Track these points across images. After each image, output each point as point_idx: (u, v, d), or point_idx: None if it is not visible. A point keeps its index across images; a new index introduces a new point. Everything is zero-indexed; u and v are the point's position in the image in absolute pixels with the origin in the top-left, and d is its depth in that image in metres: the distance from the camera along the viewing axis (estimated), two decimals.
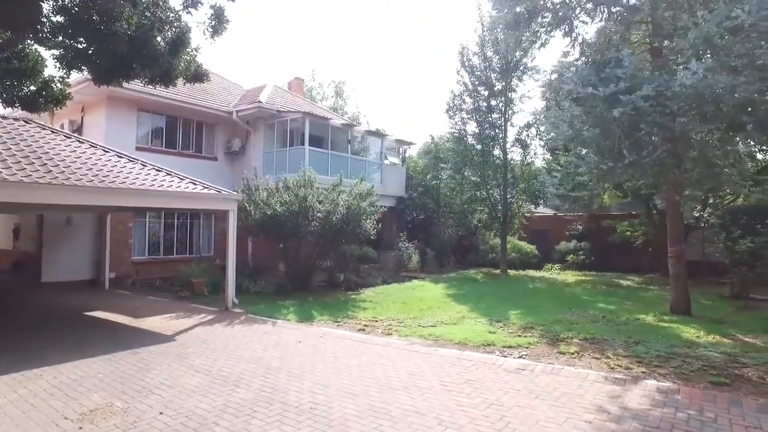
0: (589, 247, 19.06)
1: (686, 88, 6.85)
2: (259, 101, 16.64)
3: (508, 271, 18.10)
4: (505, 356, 6.50)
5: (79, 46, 7.72)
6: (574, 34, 10.60)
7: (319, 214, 12.10)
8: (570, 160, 9.51)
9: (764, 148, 9.51)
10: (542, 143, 19.47)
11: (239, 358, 6.44)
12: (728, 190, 8.50)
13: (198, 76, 8.95)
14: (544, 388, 5.27)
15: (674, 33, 8.82)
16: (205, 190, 9.71)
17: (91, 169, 8.57)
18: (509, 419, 4.45)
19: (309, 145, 16.70)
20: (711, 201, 14.88)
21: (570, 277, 16.51)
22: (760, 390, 5.21)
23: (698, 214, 15.26)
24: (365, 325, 8.63)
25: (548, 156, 19.68)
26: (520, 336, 7.59)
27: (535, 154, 19.03)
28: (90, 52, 7.62)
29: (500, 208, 18.33)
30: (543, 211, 23.35)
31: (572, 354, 6.51)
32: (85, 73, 8.94)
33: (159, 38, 7.54)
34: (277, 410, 4.69)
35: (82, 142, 10.15)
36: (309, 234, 12.26)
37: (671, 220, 9.21)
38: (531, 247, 20.13)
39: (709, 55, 6.56)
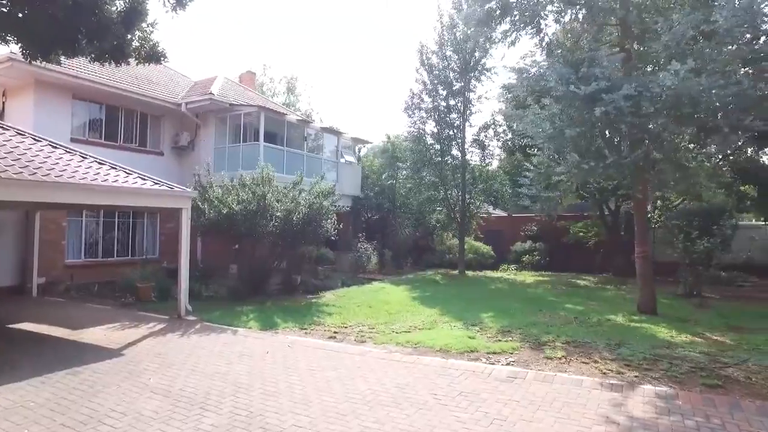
0: (544, 248, 19.36)
1: (665, 90, 6.82)
2: (211, 93, 15.63)
3: (466, 272, 18.03)
4: (493, 363, 6.17)
5: (4, 9, 6.55)
6: (542, 34, 10.55)
7: (278, 214, 11.39)
8: (542, 160, 9.40)
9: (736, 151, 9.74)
10: (500, 144, 19.67)
11: (202, 375, 5.71)
12: (687, 193, 8.60)
13: (154, 55, 8.01)
14: (543, 398, 4.95)
15: (644, 36, 8.90)
16: (156, 186, 8.79)
17: (19, 159, 7.46)
18: None
19: (264, 142, 15.90)
20: (659, 203, 15.47)
21: (528, 277, 16.63)
22: (752, 391, 5.15)
23: (648, 215, 15.81)
24: (335, 332, 8.07)
25: (504, 157, 19.90)
26: (501, 341, 7.30)
27: (492, 155, 19.14)
28: (21, 17, 6.48)
29: (458, 208, 18.24)
30: (496, 212, 23.61)
31: (560, 359, 6.27)
32: (11, 46, 7.78)
33: (110, 6, 6.57)
34: None
35: (6, 129, 8.91)
36: (267, 234, 11.51)
37: (638, 222, 9.30)
38: (487, 248, 20.21)
39: (690, 59, 6.55)
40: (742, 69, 7.39)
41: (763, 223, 15.00)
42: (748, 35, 7.00)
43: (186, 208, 9.28)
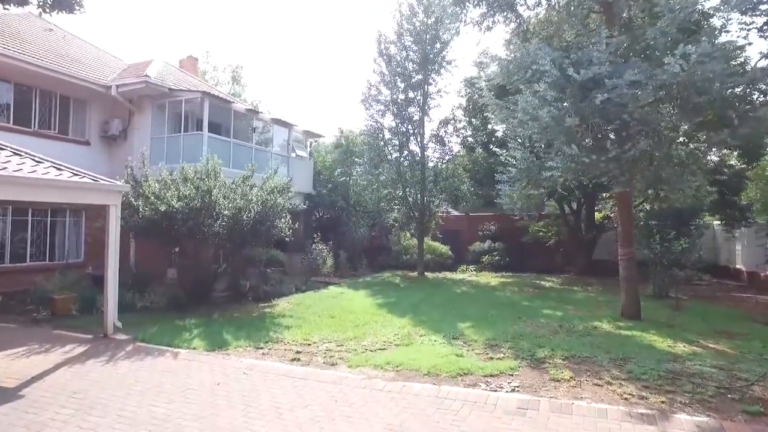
0: (503, 248, 18.89)
1: (673, 77, 6.16)
2: (147, 75, 13.82)
3: (425, 273, 17.24)
4: (495, 390, 5.22)
5: None
6: (519, 20, 9.81)
7: (226, 212, 9.98)
8: (525, 156, 8.62)
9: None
10: (459, 140, 18.99)
11: (133, 423, 4.38)
12: (677, 191, 8.11)
13: (65, 2, 6.43)
14: None
15: (632, 23, 8.32)
16: (76, 178, 7.21)
17: None
18: None
19: (208, 132, 14.31)
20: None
21: (491, 279, 16.02)
22: None
23: (612, 215, 15.67)
24: (298, 352, 6.86)
25: (464, 153, 19.28)
26: (493, 358, 6.39)
27: (451, 151, 18.38)
28: None
29: (417, 207, 17.40)
30: (453, 211, 23.03)
31: (569, 381, 5.43)
32: None
33: None
34: None
35: None
36: (213, 235, 10.07)
37: (623, 222, 8.73)
38: (445, 248, 19.49)
39: (705, 41, 5.92)
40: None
41: (719, 223, 15.14)
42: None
43: (115, 204, 7.74)
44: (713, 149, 7.28)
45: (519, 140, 9.04)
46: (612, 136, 6.58)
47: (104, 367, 6.06)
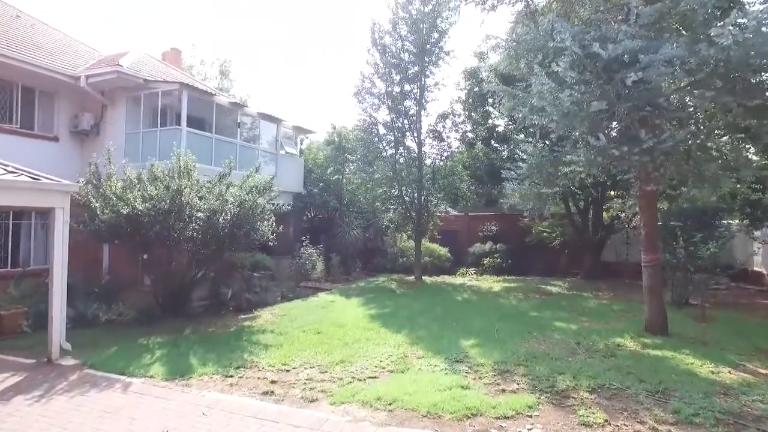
0: (505, 250, 17.84)
1: (721, 51, 5.10)
2: (119, 65, 12.68)
3: (423, 277, 16.19)
4: None
5: None
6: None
7: (200, 214, 8.89)
8: (535, 150, 7.53)
9: None
10: (458, 136, 17.92)
11: None
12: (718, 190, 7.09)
13: None
14: None
15: None
16: (9, 176, 6.10)
17: None
18: None
19: (187, 126, 13.20)
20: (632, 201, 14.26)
21: (493, 283, 14.97)
22: None
23: (623, 214, 14.66)
24: (273, 382, 5.78)
25: (464, 150, 18.23)
26: (505, 390, 5.33)
27: (450, 147, 17.31)
28: None
29: (414, 206, 16.34)
30: (452, 211, 21.97)
31: (603, 427, 4.37)
32: None
33: None
34: None
35: None
36: (186, 240, 8.97)
37: (647, 223, 7.67)
38: (444, 250, 18.43)
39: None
40: None
41: (736, 222, 14.11)
42: None
43: (61, 207, 6.64)
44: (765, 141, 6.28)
45: (531, 131, 7.98)
46: (645, 124, 5.52)
47: (32, 407, 4.96)
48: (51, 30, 15.50)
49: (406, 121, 16.47)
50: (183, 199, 8.63)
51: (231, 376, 6.00)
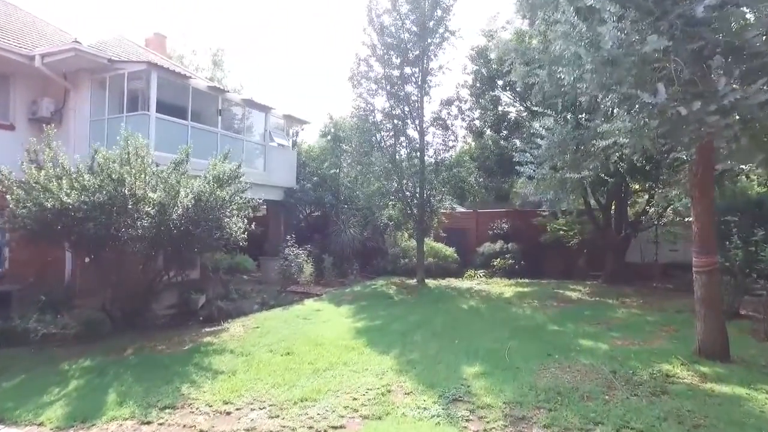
0: (517, 250, 16.15)
1: None
2: (76, 41, 11.22)
3: (426, 280, 14.59)
4: None
5: None
6: None
7: (149, 209, 7.38)
8: (553, 126, 5.88)
9: None
10: (465, 124, 16.26)
11: None
12: None
13: None
14: None
15: None
16: None
17: None
18: None
19: (158, 112, 11.75)
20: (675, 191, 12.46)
21: (504, 288, 13.30)
22: None
23: (650, 209, 12.91)
24: None
25: (472, 139, 16.58)
26: None
27: (456, 137, 15.62)
28: None
29: (416, 202, 14.75)
30: (459, 207, 20.30)
31: None
32: None
33: None
34: None
35: None
36: (134, 240, 7.47)
37: (702, 218, 5.97)
38: (450, 250, 16.79)
39: None
40: None
41: None
42: None
43: None
44: None
45: (551, 102, 6.33)
46: (720, 72, 3.89)
47: None
48: (13, 9, 14.13)
49: (406, 108, 14.86)
50: (125, 190, 7.10)
51: (149, 422, 4.47)
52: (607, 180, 7.55)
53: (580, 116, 6.16)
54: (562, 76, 5.22)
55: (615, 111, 4.74)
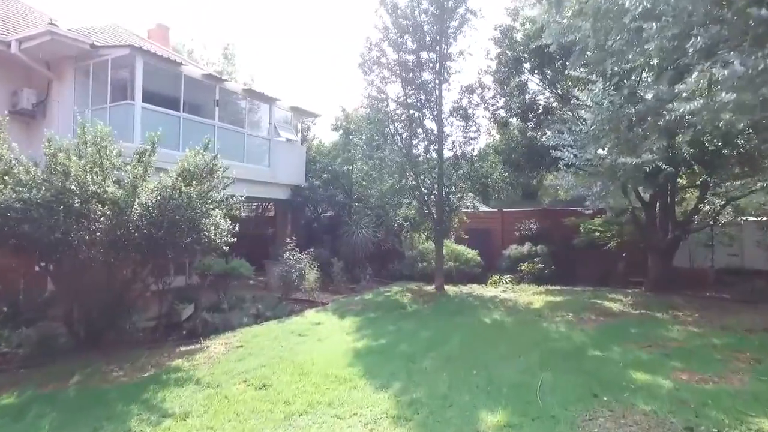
0: (547, 252, 14.54)
1: None
2: (51, 23, 10.20)
3: (445, 286, 13.14)
4: None
5: None
6: None
7: (102, 208, 6.17)
8: (597, 93, 4.35)
9: None
10: (489, 114, 14.72)
11: None
12: None
13: None
14: None
15: None
16: None
17: None
18: None
19: (146, 102, 10.67)
20: (720, 189, 10.69)
21: (533, 296, 11.74)
22: None
23: (705, 207, 11.14)
24: None
25: (496, 130, 15.03)
26: None
27: (478, 128, 14.05)
28: None
29: (434, 200, 13.31)
30: (481, 206, 18.71)
31: None
32: None
33: None
34: None
35: None
36: (87, 244, 6.27)
37: None
38: (473, 253, 15.26)
39: None
40: None
41: None
42: None
43: None
44: None
45: (595, 56, 4.81)
46: None
47: None
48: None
49: (423, 97, 13.42)
50: (71, 185, 5.90)
51: None
52: (665, 169, 6.00)
53: (634, 80, 4.62)
54: (613, 26, 3.74)
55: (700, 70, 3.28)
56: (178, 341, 7.93)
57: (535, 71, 13.45)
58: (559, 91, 13.89)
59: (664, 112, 3.89)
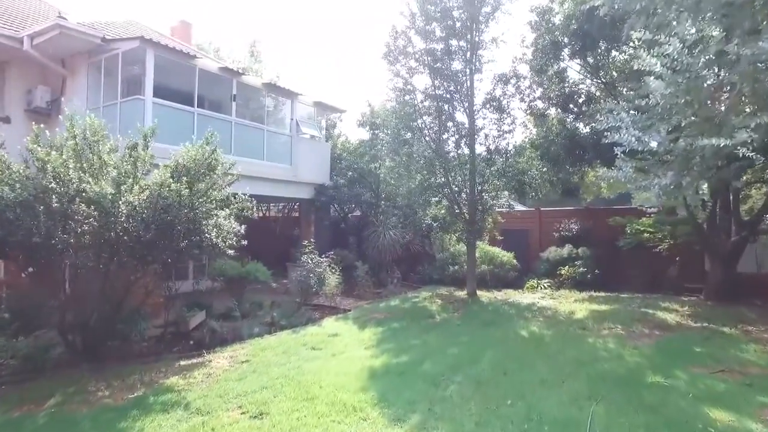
0: (590, 255, 13.31)
1: None
2: (60, 16, 9.77)
3: (478, 292, 12.16)
4: None
5: None
6: None
7: (93, 210, 5.54)
8: (675, 49, 3.35)
9: None
10: (525, 106, 13.59)
11: None
12: None
13: None
14: None
15: None
16: None
17: None
18: None
19: (159, 97, 10.16)
20: None
21: (574, 304, 10.60)
22: None
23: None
24: None
25: (533, 122, 13.88)
26: None
27: (514, 121, 12.93)
28: None
29: (465, 199, 12.34)
30: (517, 205, 17.51)
31: None
32: None
33: None
34: None
35: None
36: (73, 248, 5.66)
37: None
38: (508, 256, 14.18)
39: None
40: None
41: None
42: None
43: None
44: None
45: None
46: None
47: None
48: None
49: (452, 87, 12.46)
50: (50, 183, 5.28)
51: None
52: (752, 158, 4.80)
53: (723, 33, 3.55)
54: None
55: None
56: (182, 353, 7.30)
57: (576, 56, 12.26)
58: (603, 79, 12.64)
59: None
